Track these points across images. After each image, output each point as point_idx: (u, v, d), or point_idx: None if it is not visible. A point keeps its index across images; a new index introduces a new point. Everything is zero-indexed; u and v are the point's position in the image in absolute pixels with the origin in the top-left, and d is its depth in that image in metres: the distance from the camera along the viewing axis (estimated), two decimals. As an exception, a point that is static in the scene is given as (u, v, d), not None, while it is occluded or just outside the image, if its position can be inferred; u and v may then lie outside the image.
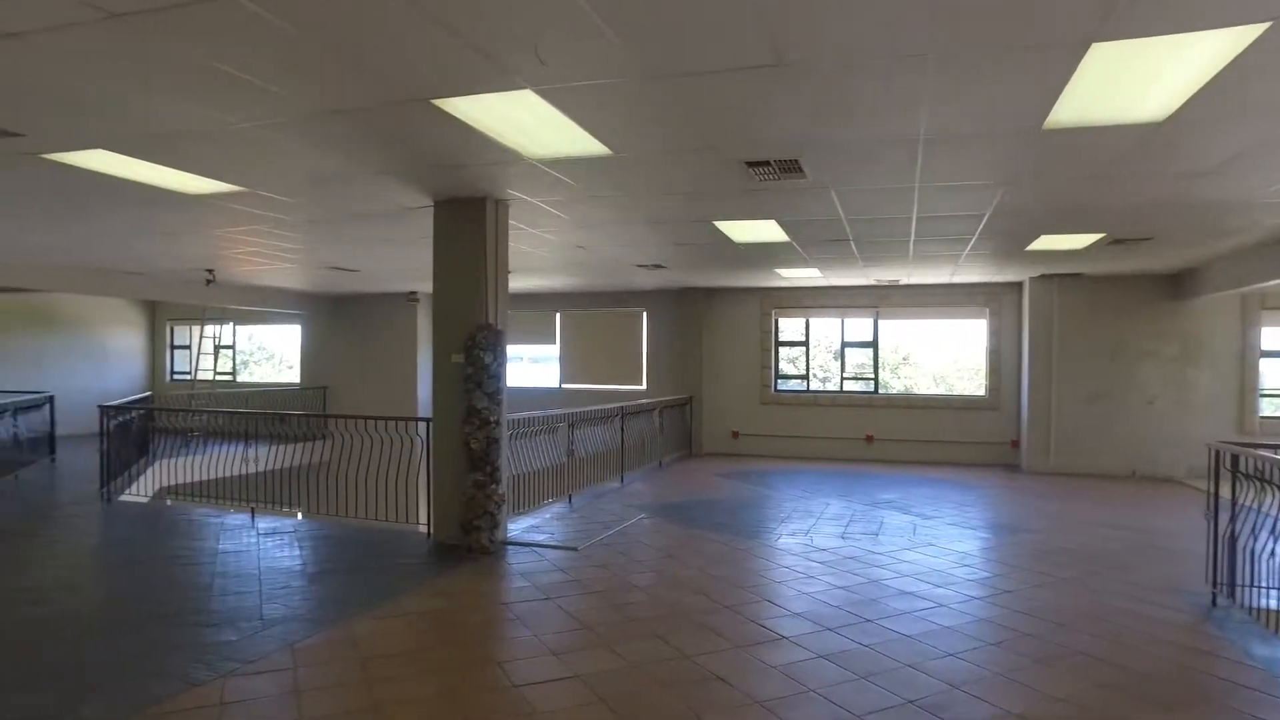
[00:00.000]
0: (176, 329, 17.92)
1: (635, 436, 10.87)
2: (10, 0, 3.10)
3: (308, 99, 4.12)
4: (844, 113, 4.28)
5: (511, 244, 8.04)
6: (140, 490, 9.17)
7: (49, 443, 11.58)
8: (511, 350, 14.25)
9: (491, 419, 6.43)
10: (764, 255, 9.40)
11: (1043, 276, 11.40)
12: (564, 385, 14.78)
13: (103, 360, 16.77)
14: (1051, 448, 11.51)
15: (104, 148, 5.08)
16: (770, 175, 5.53)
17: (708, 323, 13.81)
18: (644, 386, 14.13)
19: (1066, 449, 11.45)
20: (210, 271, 11.36)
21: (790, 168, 5.35)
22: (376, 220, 7.42)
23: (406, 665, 3.99)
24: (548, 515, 7.90)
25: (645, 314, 14.28)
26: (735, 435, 13.63)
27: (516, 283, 12.38)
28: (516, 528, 7.16)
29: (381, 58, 3.58)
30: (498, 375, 6.52)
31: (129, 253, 9.60)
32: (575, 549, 6.50)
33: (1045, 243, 8.28)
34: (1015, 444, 12.36)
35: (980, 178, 5.63)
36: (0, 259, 10.05)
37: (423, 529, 6.94)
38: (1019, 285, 12.27)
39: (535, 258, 9.65)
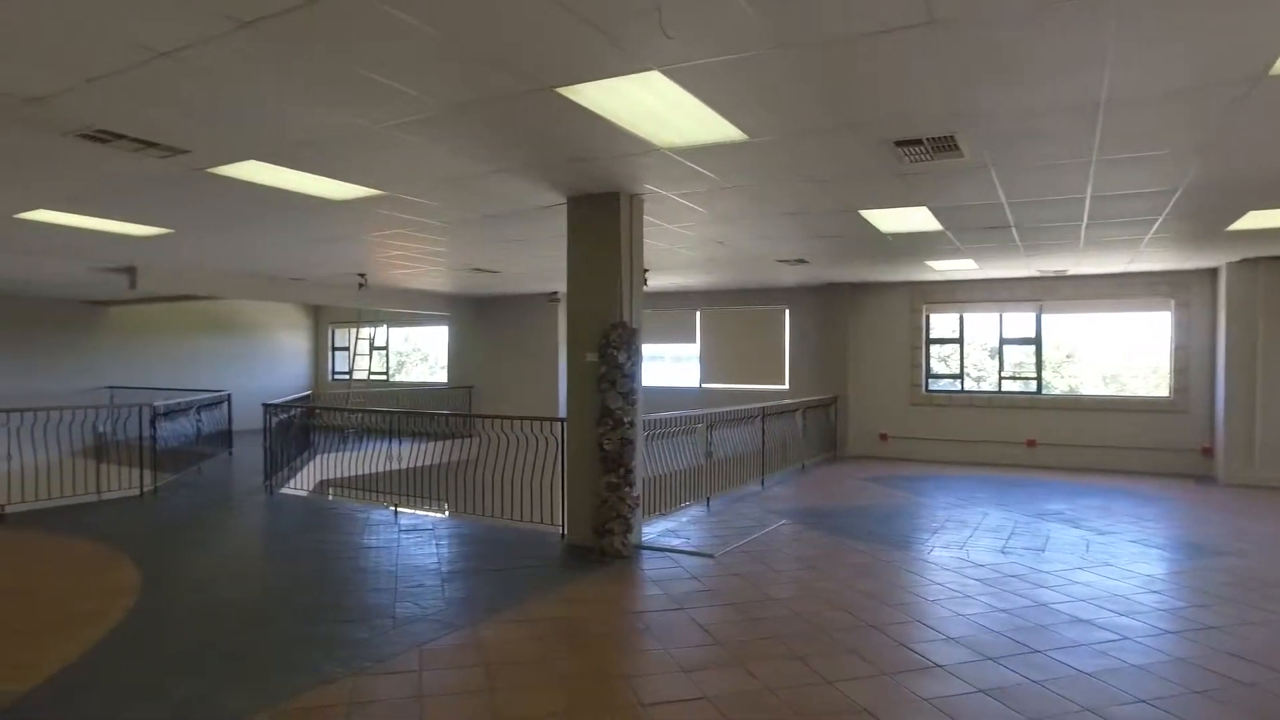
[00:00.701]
0: (336, 331, 19.06)
1: (777, 438, 10.47)
2: (156, 20, 3.19)
3: (437, 96, 4.07)
4: (1008, 77, 3.78)
5: (649, 241, 7.89)
6: (300, 484, 9.68)
7: (227, 437, 12.53)
8: (651, 350, 14.20)
9: (625, 420, 6.27)
10: (914, 246, 8.77)
11: (1245, 261, 10.03)
12: (704, 385, 14.53)
13: (274, 361, 18.08)
14: (1257, 457, 10.10)
15: (255, 158, 5.29)
16: (922, 155, 5.04)
17: (854, 320, 13.17)
18: (786, 386, 13.66)
19: (1277, 458, 10.01)
20: (362, 276, 11.90)
21: (945, 146, 4.85)
22: (512, 220, 7.44)
23: (531, 674, 3.86)
24: (684, 519, 7.67)
25: (787, 311, 13.80)
26: (883, 438, 12.92)
27: (655, 281, 12.25)
28: (651, 531, 6.97)
29: (505, 45, 3.45)
30: (632, 375, 6.35)
31: (289, 259, 10.17)
32: (711, 556, 6.23)
33: (1253, 220, 7.20)
34: (1208, 451, 10.98)
35: (1175, 145, 4.89)
36: (184, 269, 10.91)
37: (557, 531, 6.88)
38: (1213, 272, 10.89)
39: (673, 255, 9.45)
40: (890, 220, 7.31)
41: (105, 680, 3.81)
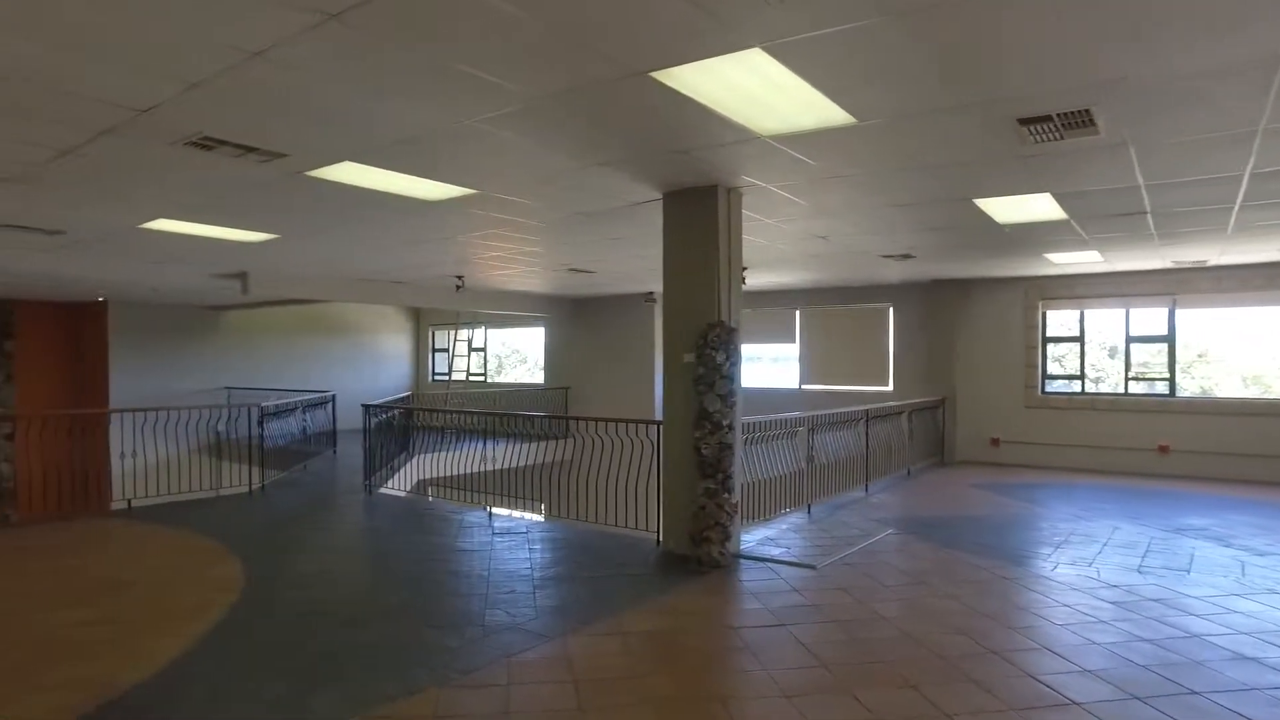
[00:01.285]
0: (437, 333, 19.48)
1: (881, 442, 9.98)
2: (248, 18, 3.16)
3: (528, 86, 3.92)
4: (1162, 33, 3.32)
5: (747, 237, 7.60)
6: (398, 484, 9.83)
7: (332, 437, 12.91)
8: (749, 350, 13.82)
9: (724, 423, 6.01)
10: (1033, 238, 8.16)
11: None
12: (804, 386, 14.07)
13: (377, 362, 18.63)
14: None
15: (350, 159, 5.29)
16: (1051, 133, 4.58)
17: (963, 317, 12.46)
18: (890, 388, 13.07)
19: None
20: (459, 278, 12.02)
21: (1078, 121, 4.38)
22: (606, 218, 7.28)
23: (621, 693, 3.65)
24: (784, 526, 7.34)
25: (891, 309, 13.20)
26: (995, 442, 12.17)
27: (754, 280, 11.92)
28: (750, 539, 6.68)
29: (596, 27, 3.25)
30: (731, 376, 6.08)
31: (389, 262, 10.34)
32: (813, 567, 5.89)
33: None
34: (1375, 462, 9.84)
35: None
36: (291, 274, 11.27)
37: (652, 537, 6.68)
38: (1380, 263, 9.76)
39: (773, 251, 9.11)
40: (1008, 209, 6.78)
41: (204, 676, 3.82)
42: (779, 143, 4.87)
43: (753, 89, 3.97)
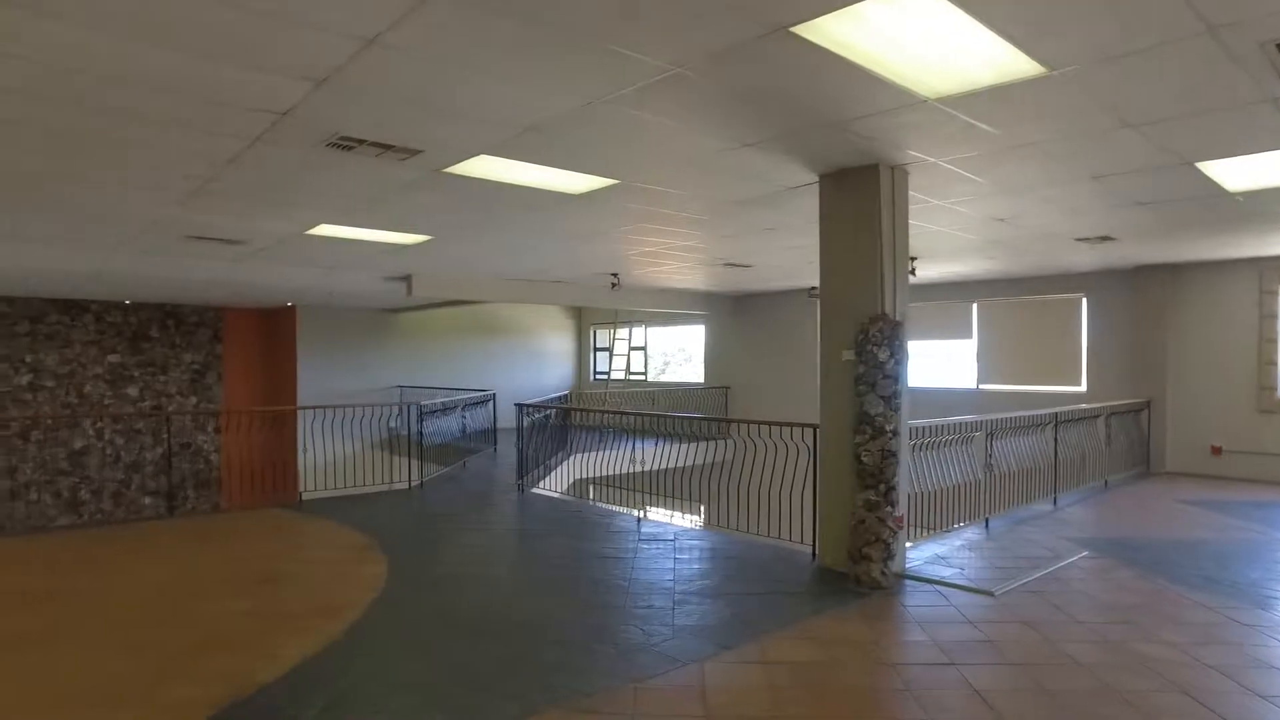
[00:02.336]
0: (598, 332, 19.62)
1: (1073, 449, 8.84)
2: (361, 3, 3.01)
3: (655, 55, 3.55)
4: None
5: (916, 223, 6.91)
6: (551, 484, 9.79)
7: (492, 435, 13.19)
8: (919, 347, 12.84)
9: (887, 427, 5.38)
10: (1274, 208, 6.84)
11: None
12: (982, 386, 12.86)
13: (540, 361, 19.01)
14: None
15: (484, 152, 5.15)
16: (1312, 71, 3.65)
17: (1174, 307, 10.87)
18: (1083, 388, 11.64)
19: None
20: (614, 275, 11.89)
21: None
22: (759, 206, 6.80)
23: (762, 739, 3.20)
24: (957, 543, 6.56)
25: (1085, 300, 11.76)
26: (1216, 451, 10.52)
27: (925, 271, 10.98)
28: (917, 557, 5.99)
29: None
30: (895, 375, 5.44)
31: (543, 261, 10.34)
32: (990, 594, 5.15)
33: None
34: None
35: None
36: (452, 276, 11.57)
37: (807, 551, 6.13)
38: None
39: (945, 238, 8.26)
40: (1243, 173, 5.66)
41: (326, 681, 3.75)
42: (949, 106, 4.22)
43: (911, 39, 3.40)
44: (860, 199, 5.61)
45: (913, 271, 9.86)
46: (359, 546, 6.54)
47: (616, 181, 5.97)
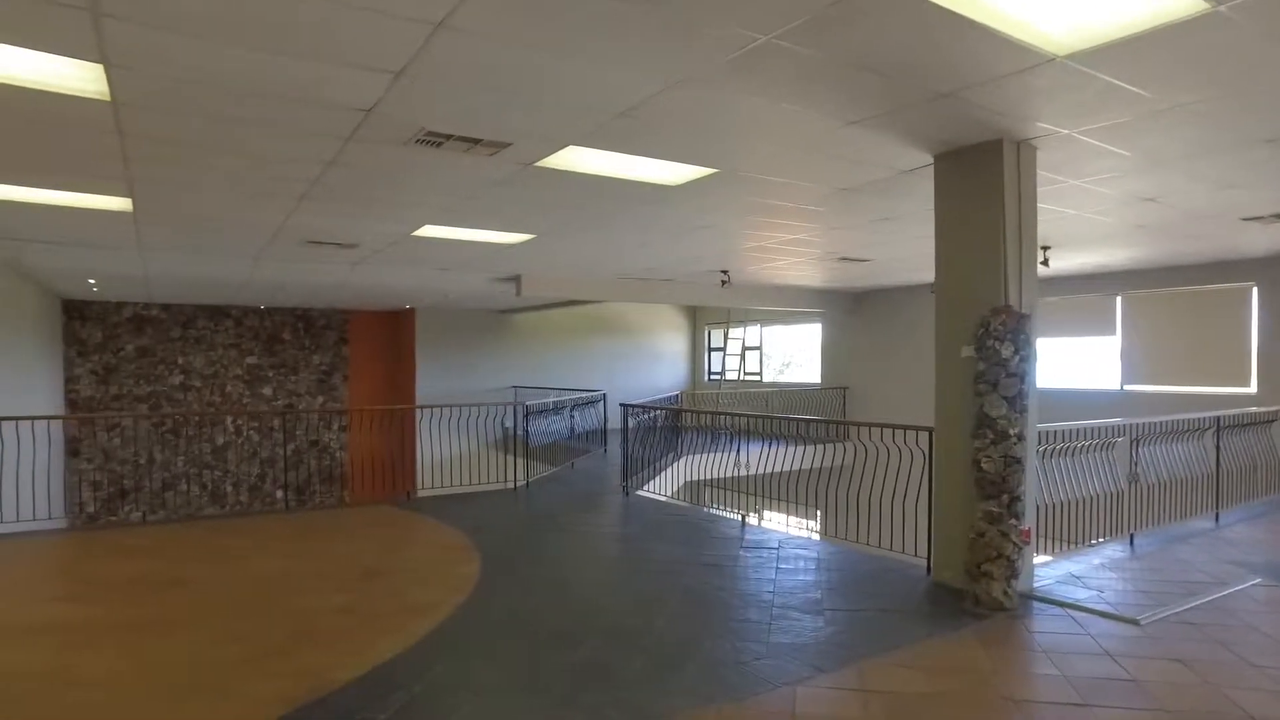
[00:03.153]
0: (712, 332, 19.30)
1: (1238, 458, 7.83)
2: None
3: (743, 25, 3.26)
4: None
5: (1046, 206, 6.27)
6: (658, 487, 9.57)
7: (602, 436, 13.13)
8: (1052, 344, 11.84)
9: (1011, 431, 4.85)
10: None
11: None
12: (1127, 387, 11.71)
13: (654, 362, 18.87)
14: None
15: (573, 143, 4.98)
16: None
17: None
18: (1252, 389, 10.37)
19: None
20: (724, 273, 11.57)
21: None
22: (872, 193, 6.34)
23: (855, 782, 2.85)
24: (1095, 562, 5.87)
25: (1255, 290, 10.47)
26: None
27: (1060, 262, 10.08)
28: (1047, 576, 5.39)
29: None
30: (1021, 373, 4.89)
31: (649, 259, 10.15)
32: (1136, 622, 4.52)
33: None
34: None
35: None
36: (560, 275, 11.57)
37: (921, 565, 5.64)
38: None
39: (1081, 223, 7.50)
40: None
41: (405, 684, 3.65)
42: (1084, 64, 3.69)
43: (1036, -15, 2.95)
44: (981, 180, 5.10)
45: (1044, 262, 9.05)
46: (457, 546, 6.53)
47: (716, 171, 5.68)
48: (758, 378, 17.97)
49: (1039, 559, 5.46)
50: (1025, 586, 5.00)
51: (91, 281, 11.66)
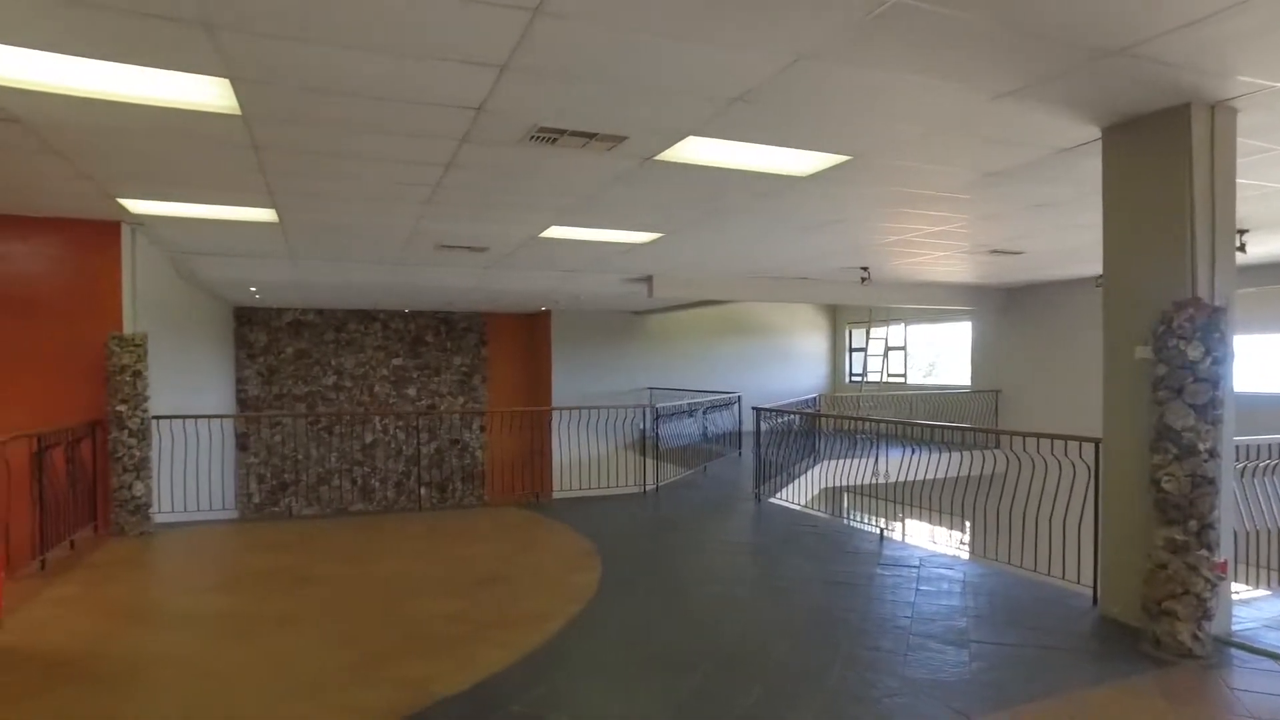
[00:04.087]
0: (853, 332, 18.48)
1: None
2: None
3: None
4: None
5: (1245, 181, 5.39)
6: (792, 494, 9.11)
7: (736, 439, 12.76)
8: (1251, 343, 10.39)
9: (1200, 445, 4.14)
10: None
11: None
12: (1346, 393, 10.12)
13: (792, 363, 18.27)
14: None
15: (692, 133, 4.71)
16: None
17: None
18: None
19: None
20: (864, 269, 10.93)
21: None
22: (1025, 177, 5.69)
23: None
24: (1312, 601, 4.98)
25: None
26: None
27: (1260, 246, 8.81)
28: (1251, 618, 4.60)
29: None
30: (1214, 378, 4.17)
31: (783, 256, 9.70)
32: (1371, 680, 3.73)
33: None
34: None
35: None
36: (692, 275, 11.31)
37: (1086, 594, 4.96)
38: None
39: (1287, 202, 6.47)
40: None
41: (508, 701, 3.50)
42: (1298, 4, 3.04)
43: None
44: (1162, 153, 4.40)
45: (1241, 247, 7.90)
46: (579, 552, 6.39)
47: (847, 158, 5.25)
48: (902, 379, 17.02)
49: (1239, 596, 4.66)
50: (1221, 630, 4.26)
51: (253, 289, 12.48)
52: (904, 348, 17.20)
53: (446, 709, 3.44)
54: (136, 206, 6.48)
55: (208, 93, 3.98)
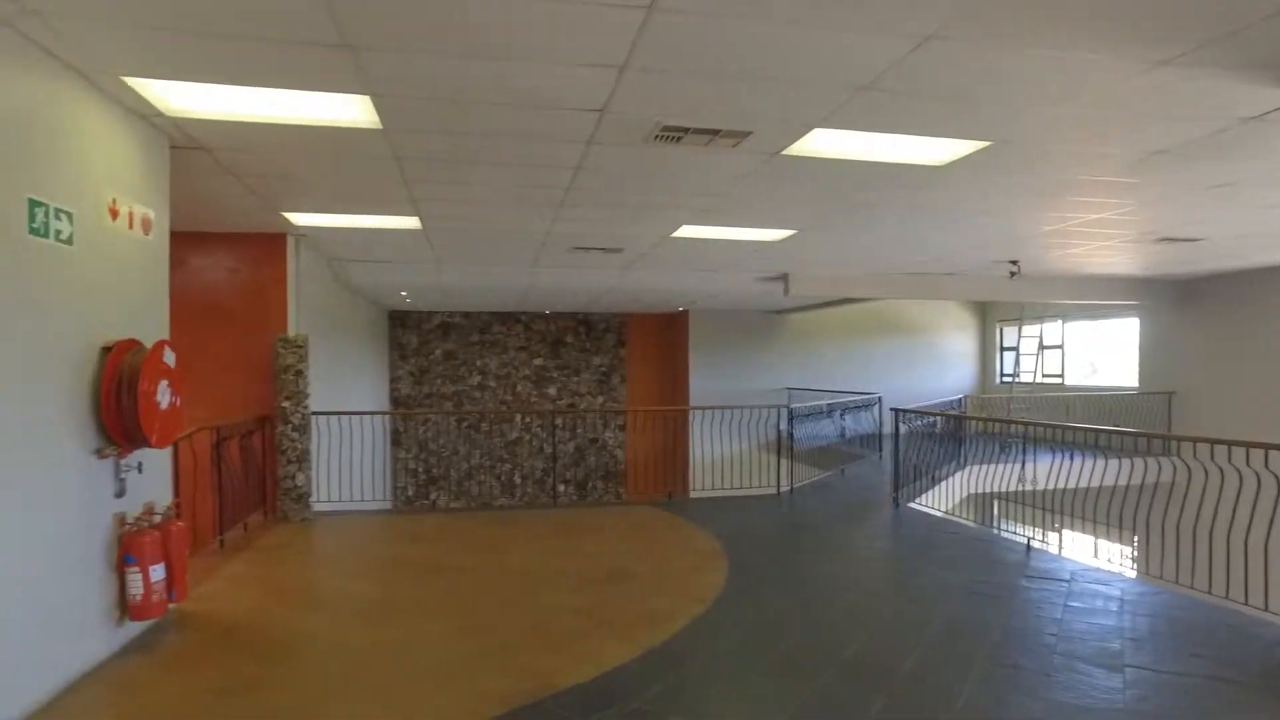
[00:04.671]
0: (1005, 330, 17.44)
1: None
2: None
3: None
4: None
5: None
6: (935, 499, 8.70)
7: (876, 441, 12.33)
8: None
9: None
10: None
11: None
12: None
13: (938, 363, 17.47)
14: None
15: (818, 126, 4.58)
16: None
17: None
18: None
19: None
20: (1014, 263, 10.27)
21: None
22: (1199, 155, 5.14)
23: None
24: None
25: None
26: None
27: None
28: None
29: None
30: None
31: (925, 250, 9.26)
32: None
33: None
34: None
35: None
36: (827, 272, 11.02)
37: (1274, 622, 4.43)
38: None
39: None
40: None
41: (624, 698, 3.53)
42: None
43: None
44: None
45: None
46: (707, 552, 6.37)
47: (986, 144, 4.94)
48: (1058, 380, 15.88)
49: None
50: None
51: (403, 293, 13.25)
52: (1061, 346, 16.04)
53: (566, 701, 3.51)
54: (298, 219, 7.03)
55: (351, 110, 4.28)
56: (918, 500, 8.57)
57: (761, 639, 4.40)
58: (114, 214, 4.08)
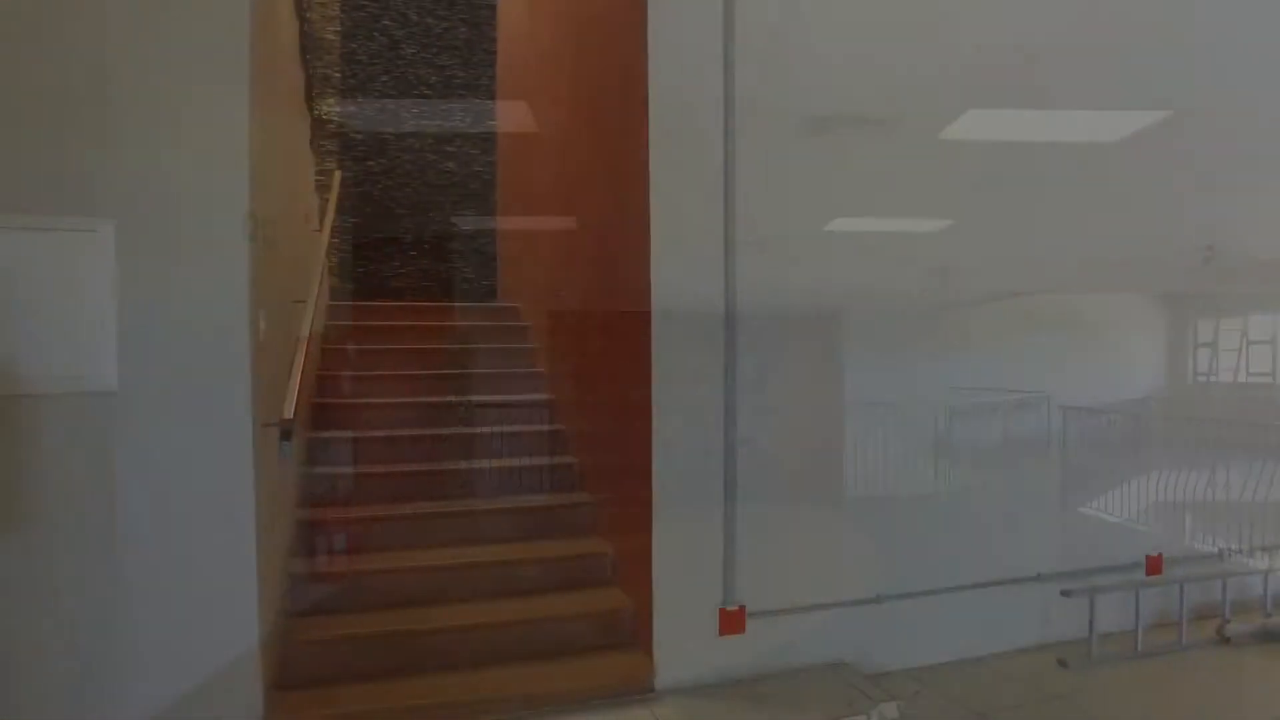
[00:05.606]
0: (1199, 323, 15.87)
1: None
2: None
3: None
4: None
5: None
6: (1105, 505, 8.04)
7: (1043, 442, 11.55)
8: None
9: None
10: None
11: None
12: None
13: (1118, 361, 16.13)
14: None
15: (970, 105, 4.41)
16: None
17: None
18: None
19: None
20: (1209, 248, 9.35)
21: None
22: None
23: None
24: None
25: None
26: None
27: None
28: None
29: None
30: None
31: (1100, 237, 8.60)
32: None
33: None
34: None
35: None
36: (987, 263, 10.44)
37: None
38: None
39: None
40: None
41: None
42: None
43: None
44: None
45: None
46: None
47: (1166, 113, 4.61)
48: (1268, 378, 14.22)
49: None
50: None
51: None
52: (1272, 341, 14.37)
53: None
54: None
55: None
56: (1088, 505, 7.94)
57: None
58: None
